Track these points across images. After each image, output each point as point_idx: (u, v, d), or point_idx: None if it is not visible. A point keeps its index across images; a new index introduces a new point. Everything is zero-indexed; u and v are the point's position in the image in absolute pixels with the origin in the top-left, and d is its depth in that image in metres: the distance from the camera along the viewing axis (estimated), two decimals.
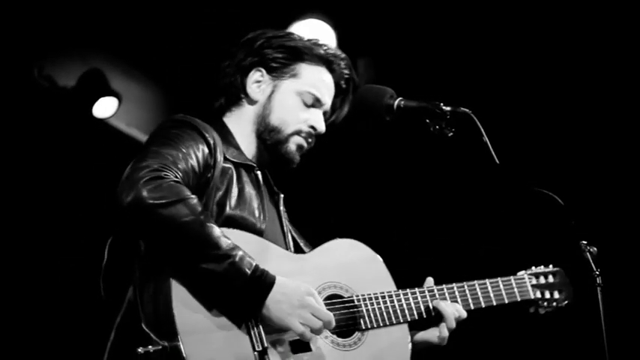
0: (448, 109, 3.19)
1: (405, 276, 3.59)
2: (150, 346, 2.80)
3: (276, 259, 3.10)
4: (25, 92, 6.21)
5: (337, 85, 3.55)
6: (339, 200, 6.99)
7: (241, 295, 2.89)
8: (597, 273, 3.07)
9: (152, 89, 6.93)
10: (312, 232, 3.58)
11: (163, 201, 2.82)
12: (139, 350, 2.80)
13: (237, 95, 3.48)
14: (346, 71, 3.57)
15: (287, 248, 3.40)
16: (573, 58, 6.09)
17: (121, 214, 2.85)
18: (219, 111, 3.52)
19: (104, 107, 6.56)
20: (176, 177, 2.93)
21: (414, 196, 6.90)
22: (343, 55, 3.58)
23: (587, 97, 6.14)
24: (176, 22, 6.16)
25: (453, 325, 3.44)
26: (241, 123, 3.46)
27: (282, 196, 3.55)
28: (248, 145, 3.44)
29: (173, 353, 2.80)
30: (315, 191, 6.80)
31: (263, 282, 2.92)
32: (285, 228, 3.49)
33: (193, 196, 2.92)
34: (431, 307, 3.44)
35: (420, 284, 3.56)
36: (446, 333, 3.44)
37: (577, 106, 6.19)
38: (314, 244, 3.45)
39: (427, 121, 3.22)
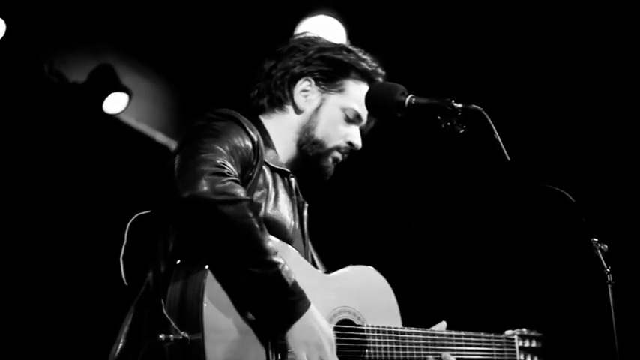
0: (459, 106, 3.19)
1: (411, 278, 3.62)
2: (171, 335, 2.81)
3: (304, 274, 3.10)
4: (35, 88, 6.22)
5: None
6: (349, 199, 6.99)
7: (275, 307, 2.90)
8: (608, 270, 3.07)
9: (162, 85, 6.94)
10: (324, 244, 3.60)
11: (225, 198, 2.83)
12: (161, 336, 2.81)
13: (281, 100, 3.49)
14: None
15: (306, 258, 3.40)
16: (585, 56, 6.07)
17: (180, 205, 2.85)
18: (258, 110, 3.51)
19: (114, 103, 6.57)
20: (235, 175, 2.95)
21: (424, 193, 6.90)
22: (384, 73, 3.62)
23: (599, 95, 6.13)
24: (186, 18, 6.16)
25: None
26: (282, 129, 3.46)
27: (306, 205, 3.56)
28: (285, 151, 3.45)
29: (193, 346, 2.80)
30: (330, 197, 6.82)
31: (299, 302, 2.93)
32: (306, 238, 3.49)
33: (249, 198, 2.95)
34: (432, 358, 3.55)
35: (425, 289, 3.64)
36: None
37: (588, 104, 6.18)
38: (324, 256, 3.47)
39: (438, 118, 3.22)
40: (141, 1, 6.06)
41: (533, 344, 4.05)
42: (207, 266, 2.87)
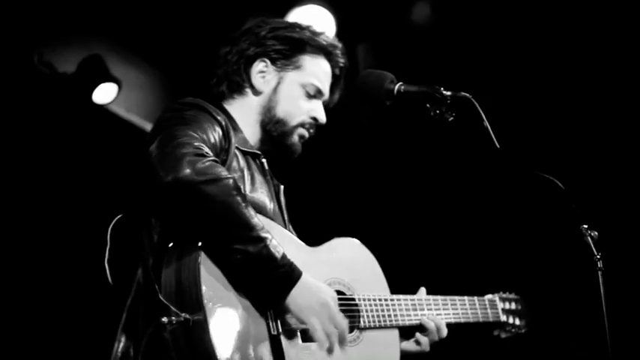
0: (448, 93, 3.20)
1: (403, 262, 3.64)
2: (172, 317, 2.83)
3: (292, 247, 3.12)
4: (25, 78, 6.20)
5: (332, 72, 3.61)
6: (336, 185, 7.00)
7: (269, 280, 2.92)
8: (598, 257, 3.08)
9: (152, 75, 6.93)
10: (306, 225, 3.59)
11: (207, 178, 2.84)
12: (163, 320, 2.83)
13: (239, 84, 3.51)
14: (342, 60, 3.63)
15: None
16: (571, 41, 6.08)
17: (162, 190, 2.85)
18: (220, 97, 3.54)
19: (104, 93, 6.56)
20: (213, 156, 2.97)
21: (413, 180, 6.90)
22: (340, 45, 3.63)
23: (587, 81, 6.14)
24: (175, 7, 6.15)
25: (436, 338, 3.65)
26: (244, 112, 3.48)
27: (282, 187, 3.58)
28: (252, 134, 3.47)
29: (196, 325, 2.82)
30: (310, 179, 6.82)
31: (292, 272, 2.95)
32: (285, 219, 3.52)
33: (231, 175, 2.95)
34: (420, 319, 3.63)
35: (417, 272, 3.68)
36: (426, 342, 3.65)
37: (577, 91, 6.18)
38: (306, 237, 3.46)
39: (427, 105, 3.23)
40: None
41: (513, 306, 4.15)
42: (199, 246, 2.89)
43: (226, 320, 2.87)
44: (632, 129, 6.10)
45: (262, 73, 3.50)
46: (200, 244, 2.89)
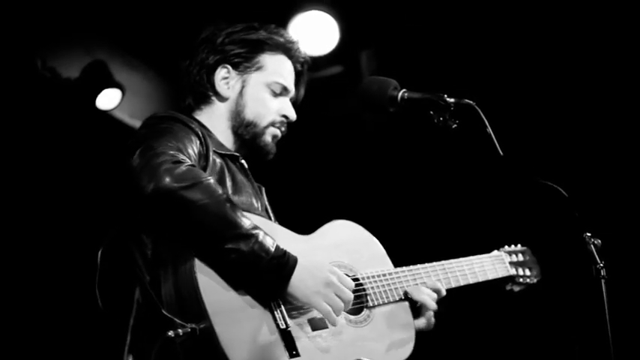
0: (452, 100, 3.20)
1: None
2: (179, 330, 2.83)
3: (287, 239, 3.15)
4: (28, 84, 6.20)
5: (294, 68, 3.64)
6: (339, 191, 6.99)
7: (266, 274, 2.94)
8: (601, 265, 3.07)
9: (155, 81, 6.93)
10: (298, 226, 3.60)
11: (187, 183, 2.86)
12: (170, 333, 2.83)
13: (205, 94, 3.53)
14: (302, 55, 3.65)
15: None
16: (575, 48, 6.08)
17: (144, 202, 2.87)
18: (188, 110, 3.55)
19: (107, 99, 6.57)
20: (190, 162, 2.98)
21: (416, 187, 6.89)
22: (296, 39, 3.65)
23: (591, 89, 6.13)
24: (179, 14, 6.15)
25: (434, 306, 3.54)
26: (214, 120, 3.50)
27: (263, 188, 3.61)
28: (225, 141, 3.48)
29: (204, 333, 2.83)
30: (311, 183, 6.82)
31: (287, 260, 2.97)
32: (272, 217, 3.54)
33: (210, 177, 2.97)
34: (410, 292, 3.53)
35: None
36: (430, 316, 3.55)
37: (581, 98, 6.18)
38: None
39: (431, 112, 3.23)
40: None
41: (521, 258, 4.15)
42: (192, 255, 2.91)
43: (233, 322, 2.88)
44: (635, 137, 6.10)
45: (225, 79, 3.52)
46: (192, 250, 2.91)
